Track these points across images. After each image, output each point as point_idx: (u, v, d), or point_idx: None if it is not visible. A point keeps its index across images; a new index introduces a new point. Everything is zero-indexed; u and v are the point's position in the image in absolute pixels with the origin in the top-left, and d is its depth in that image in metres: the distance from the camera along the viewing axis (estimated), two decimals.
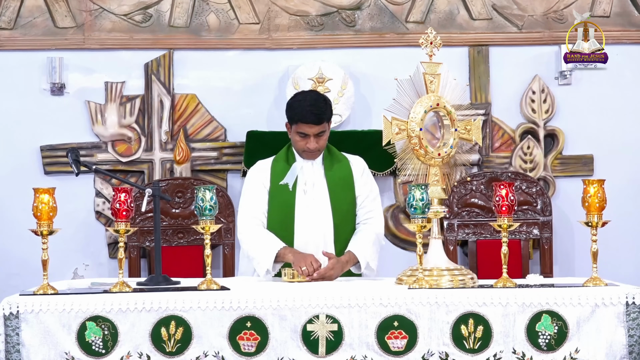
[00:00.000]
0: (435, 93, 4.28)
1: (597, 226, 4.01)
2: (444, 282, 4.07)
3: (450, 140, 4.30)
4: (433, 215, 4.18)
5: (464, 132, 4.35)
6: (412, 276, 4.13)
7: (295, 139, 4.66)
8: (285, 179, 4.63)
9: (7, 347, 3.81)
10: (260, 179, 4.70)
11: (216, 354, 3.86)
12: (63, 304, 3.85)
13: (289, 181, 4.63)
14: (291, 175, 4.64)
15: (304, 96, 4.72)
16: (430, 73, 4.29)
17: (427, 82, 4.28)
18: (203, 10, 6.04)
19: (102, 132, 5.99)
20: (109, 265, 5.97)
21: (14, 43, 5.97)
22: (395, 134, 4.23)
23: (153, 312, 3.86)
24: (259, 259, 4.53)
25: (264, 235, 4.60)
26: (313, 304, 3.87)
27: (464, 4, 6.09)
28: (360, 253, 4.57)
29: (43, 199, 3.96)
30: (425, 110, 4.24)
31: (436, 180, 4.27)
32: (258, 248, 4.55)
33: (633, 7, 6.12)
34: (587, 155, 6.10)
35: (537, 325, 3.87)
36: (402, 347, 3.86)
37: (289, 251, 4.51)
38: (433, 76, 4.29)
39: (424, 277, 4.02)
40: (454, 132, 4.30)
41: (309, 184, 4.66)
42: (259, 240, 4.58)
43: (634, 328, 3.85)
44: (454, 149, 4.31)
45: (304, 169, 4.68)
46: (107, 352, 3.85)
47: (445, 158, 4.29)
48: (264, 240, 4.57)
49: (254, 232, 4.61)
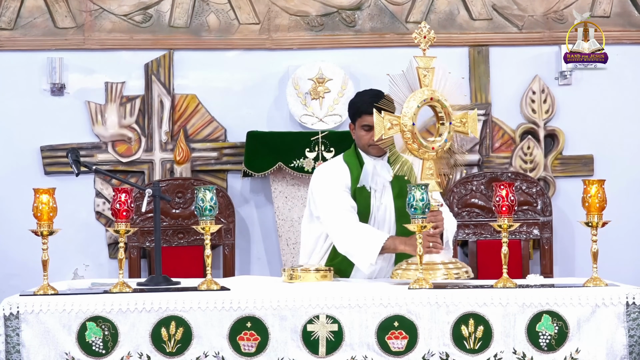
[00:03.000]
0: (429, 87, 4.26)
1: (597, 226, 4.01)
2: (438, 276, 4.07)
3: (445, 133, 4.28)
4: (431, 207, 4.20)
5: (460, 125, 4.31)
6: (407, 270, 4.13)
7: (360, 134, 4.57)
8: (362, 180, 4.56)
9: (7, 348, 3.81)
10: (341, 178, 4.57)
11: (216, 354, 3.85)
12: (63, 304, 3.84)
13: (366, 183, 4.56)
14: (366, 177, 4.57)
15: (364, 91, 4.65)
16: (424, 67, 4.27)
17: (421, 76, 4.26)
18: (203, 11, 6.05)
19: (102, 133, 5.99)
20: (109, 265, 5.97)
21: (14, 43, 5.97)
22: (387, 129, 4.22)
23: (153, 312, 3.86)
24: (360, 253, 4.36)
25: (366, 229, 4.43)
26: (313, 304, 3.87)
27: (464, 4, 6.09)
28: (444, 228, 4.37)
29: (43, 199, 3.96)
30: (418, 105, 4.23)
31: (430, 174, 4.26)
32: (362, 243, 4.37)
33: (633, 7, 6.12)
34: (587, 156, 6.10)
35: (537, 326, 3.87)
36: (403, 348, 3.86)
37: (398, 242, 4.34)
38: (427, 70, 4.27)
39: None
40: (449, 126, 4.28)
41: (379, 184, 4.59)
42: (362, 235, 4.39)
43: (635, 328, 3.85)
44: (449, 143, 4.30)
45: (377, 168, 4.60)
46: (107, 353, 3.85)
47: (440, 152, 4.27)
48: (368, 235, 4.39)
49: (355, 226, 4.43)
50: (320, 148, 5.89)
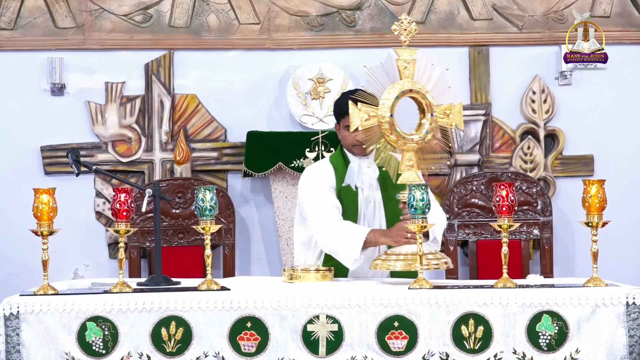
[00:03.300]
0: (410, 79, 4.26)
1: (597, 226, 4.01)
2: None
3: (427, 125, 4.27)
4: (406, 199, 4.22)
5: (443, 117, 4.30)
6: (387, 260, 4.15)
7: (344, 134, 4.59)
8: (346, 180, 4.58)
9: (8, 348, 3.81)
10: (326, 179, 4.61)
11: (216, 354, 3.86)
12: (63, 304, 3.85)
13: (351, 182, 4.57)
14: (351, 176, 4.59)
15: (349, 91, 4.66)
16: (404, 59, 4.27)
17: (401, 68, 4.26)
18: (203, 11, 6.05)
19: (102, 133, 5.99)
20: (109, 265, 5.97)
21: (14, 43, 5.97)
22: (364, 121, 4.23)
23: (153, 312, 3.86)
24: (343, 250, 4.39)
25: (347, 226, 4.46)
26: (313, 304, 3.87)
27: (464, 4, 6.09)
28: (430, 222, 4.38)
29: (43, 199, 3.96)
30: (397, 96, 4.23)
31: (411, 166, 4.26)
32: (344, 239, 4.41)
33: (633, 7, 6.12)
34: (588, 156, 6.10)
35: (537, 326, 3.87)
36: (403, 348, 3.86)
37: (379, 234, 4.39)
38: (407, 62, 4.27)
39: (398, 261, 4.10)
40: (430, 117, 4.27)
41: (365, 183, 4.61)
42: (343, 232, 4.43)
43: (635, 328, 3.85)
44: (430, 134, 4.29)
45: (362, 167, 4.62)
46: (107, 353, 3.85)
47: (420, 143, 4.27)
48: (349, 231, 4.43)
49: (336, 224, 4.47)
50: (321, 148, 5.89)
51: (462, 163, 6.05)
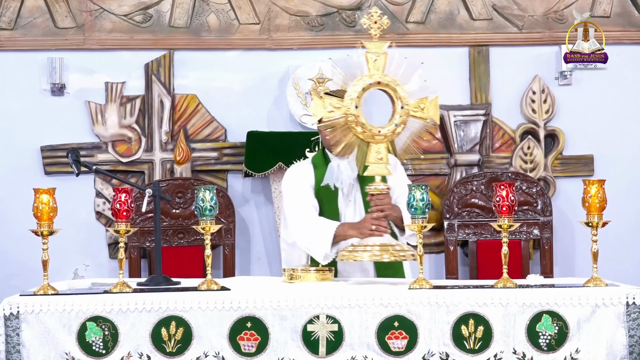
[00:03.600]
0: (380, 71, 4.27)
1: (597, 226, 4.01)
2: (384, 257, 4.10)
3: (397, 118, 4.27)
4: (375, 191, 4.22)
5: (417, 110, 4.30)
6: (353, 252, 4.16)
7: (323, 134, 4.63)
8: (325, 179, 4.59)
9: (8, 348, 3.81)
10: (305, 178, 4.64)
11: (216, 354, 3.86)
12: (63, 304, 3.85)
13: (329, 182, 4.59)
14: (330, 176, 4.60)
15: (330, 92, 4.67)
16: (373, 52, 4.27)
17: (370, 60, 4.26)
18: (203, 11, 6.05)
19: (102, 133, 5.99)
20: (109, 265, 5.97)
21: (15, 43, 5.97)
22: (328, 112, 4.24)
23: (153, 312, 3.86)
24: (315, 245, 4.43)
25: (317, 220, 4.51)
26: (313, 304, 3.87)
27: (464, 5, 6.09)
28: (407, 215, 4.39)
29: (43, 199, 3.96)
30: (363, 88, 4.24)
31: (379, 159, 4.26)
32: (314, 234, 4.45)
33: (633, 7, 6.12)
34: (588, 156, 6.10)
35: (537, 326, 3.87)
36: (403, 348, 3.86)
37: (347, 227, 4.43)
38: (377, 55, 4.27)
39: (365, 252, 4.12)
40: (401, 110, 4.27)
41: (345, 183, 4.62)
42: (313, 227, 4.48)
43: (635, 328, 3.85)
44: (400, 127, 4.28)
45: (340, 167, 4.63)
46: (107, 353, 3.85)
47: (389, 136, 4.27)
48: (319, 226, 4.47)
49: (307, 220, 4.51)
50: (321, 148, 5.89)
51: (462, 163, 6.05)
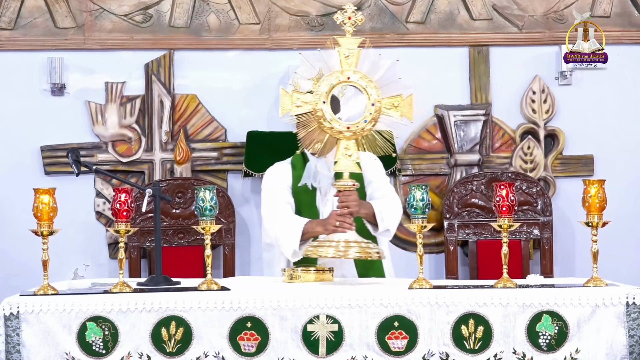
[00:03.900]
0: (352, 68, 4.27)
1: (597, 226, 4.01)
2: (350, 254, 4.11)
3: (366, 115, 4.28)
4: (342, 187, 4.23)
5: (390, 107, 4.30)
6: (319, 247, 4.19)
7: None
8: (303, 179, 4.61)
9: (8, 348, 3.81)
10: (283, 178, 4.67)
11: (216, 354, 3.86)
12: (63, 304, 3.85)
13: (307, 181, 4.61)
14: (307, 175, 4.62)
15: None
16: (346, 48, 4.28)
17: (342, 56, 4.27)
18: (203, 11, 6.04)
19: (102, 133, 5.99)
20: (109, 265, 5.96)
21: (14, 43, 5.97)
22: (296, 107, 4.25)
23: (153, 312, 3.86)
24: (284, 242, 4.47)
25: (288, 218, 4.54)
26: (313, 304, 3.87)
27: (464, 4, 6.09)
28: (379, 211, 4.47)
29: (43, 199, 3.96)
30: (332, 84, 4.25)
31: (347, 154, 4.26)
32: (284, 231, 4.49)
33: (633, 7, 6.11)
34: (588, 156, 6.10)
35: (537, 326, 3.87)
36: (403, 348, 3.86)
37: (315, 224, 4.45)
38: (349, 50, 4.28)
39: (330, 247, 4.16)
40: (371, 107, 4.28)
41: (323, 183, 4.64)
42: (283, 224, 4.52)
43: (635, 328, 3.85)
44: (370, 124, 4.28)
45: (318, 167, 4.65)
46: (107, 353, 3.85)
47: (358, 132, 4.27)
48: (288, 222, 4.51)
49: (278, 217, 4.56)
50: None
51: (462, 163, 6.04)
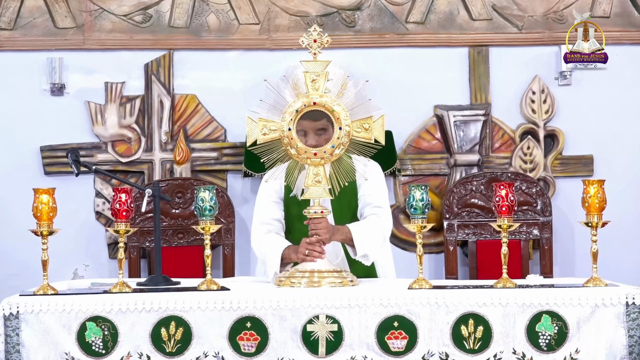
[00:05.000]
0: (318, 91, 4.23)
1: (597, 226, 4.01)
2: (324, 284, 4.08)
3: (334, 139, 4.23)
4: (311, 215, 4.22)
5: (360, 130, 4.23)
6: (291, 277, 4.14)
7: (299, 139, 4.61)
8: (295, 189, 4.58)
9: (7, 348, 3.82)
10: (274, 191, 4.63)
11: (216, 354, 3.86)
12: (63, 304, 3.85)
13: (297, 193, 4.56)
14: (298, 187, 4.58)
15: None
16: (312, 72, 4.23)
17: (308, 80, 4.23)
18: (203, 11, 6.05)
19: (102, 133, 5.99)
20: (109, 265, 5.97)
21: (14, 43, 5.97)
22: (262, 134, 4.21)
23: (153, 312, 3.86)
24: (268, 265, 4.47)
25: (270, 241, 4.52)
26: (313, 305, 3.87)
27: (464, 5, 6.09)
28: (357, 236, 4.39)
29: (43, 200, 3.96)
30: (297, 110, 4.22)
31: (317, 181, 4.22)
32: (266, 254, 4.48)
33: (633, 8, 6.12)
34: (587, 156, 6.10)
35: (537, 326, 3.87)
36: (402, 348, 3.87)
37: (291, 250, 4.43)
38: (317, 74, 4.23)
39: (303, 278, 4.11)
40: (339, 131, 4.23)
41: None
42: (265, 247, 4.51)
43: (634, 328, 3.85)
44: (339, 149, 4.22)
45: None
46: (107, 353, 3.85)
47: (327, 159, 4.23)
48: (270, 246, 4.49)
49: (262, 239, 4.55)
50: None
51: (462, 163, 6.05)
